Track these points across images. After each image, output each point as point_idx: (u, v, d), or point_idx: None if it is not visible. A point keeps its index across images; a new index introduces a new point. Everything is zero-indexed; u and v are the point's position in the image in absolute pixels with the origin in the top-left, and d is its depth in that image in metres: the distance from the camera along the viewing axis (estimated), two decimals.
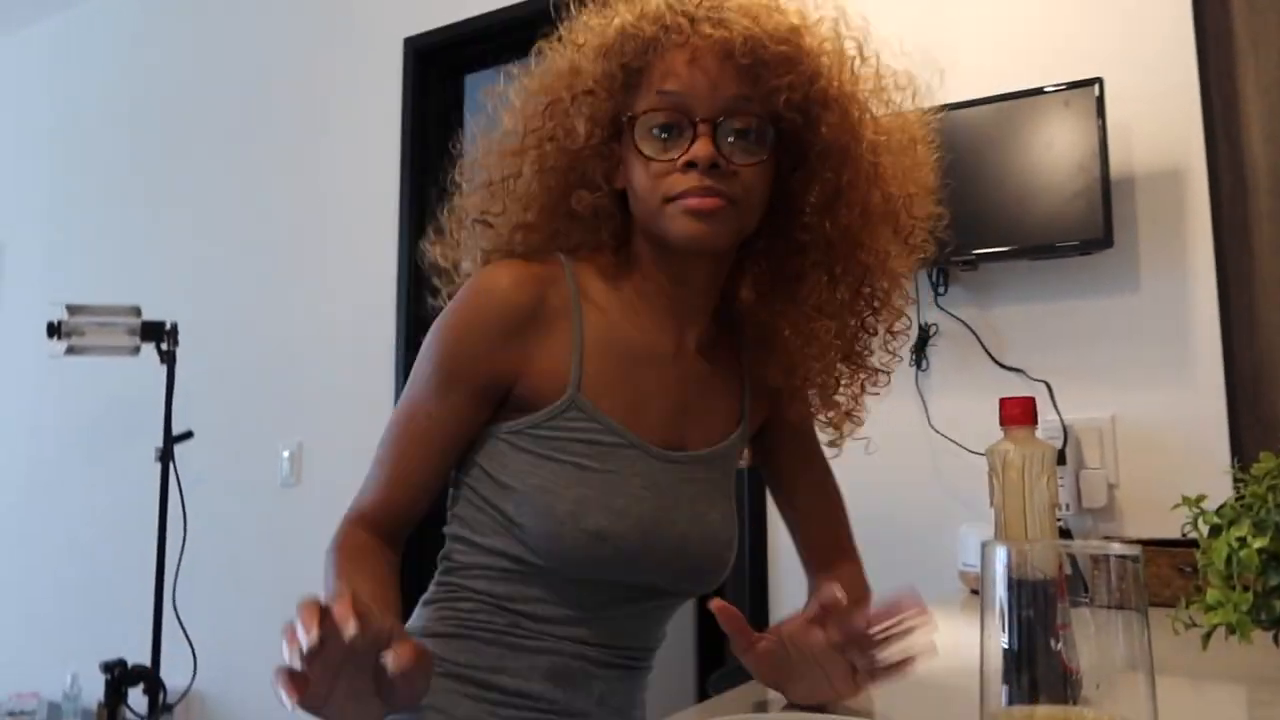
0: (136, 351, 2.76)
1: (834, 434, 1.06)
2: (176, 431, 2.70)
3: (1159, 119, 1.81)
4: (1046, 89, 1.81)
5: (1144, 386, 1.79)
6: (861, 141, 0.92)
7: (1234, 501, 0.86)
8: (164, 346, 2.71)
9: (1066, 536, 1.70)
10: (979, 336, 1.93)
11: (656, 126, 0.89)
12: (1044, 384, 1.84)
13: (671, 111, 0.88)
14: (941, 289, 1.97)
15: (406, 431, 0.93)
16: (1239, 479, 0.89)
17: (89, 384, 3.45)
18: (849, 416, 1.05)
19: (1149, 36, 1.84)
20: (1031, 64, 1.92)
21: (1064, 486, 1.77)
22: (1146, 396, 1.78)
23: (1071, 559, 0.53)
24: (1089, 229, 1.74)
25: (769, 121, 0.90)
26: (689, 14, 0.88)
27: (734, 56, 0.87)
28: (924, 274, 1.98)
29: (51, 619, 3.51)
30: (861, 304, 0.99)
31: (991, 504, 0.75)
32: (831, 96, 0.91)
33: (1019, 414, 0.76)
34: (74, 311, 2.72)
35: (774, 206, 0.95)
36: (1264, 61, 1.71)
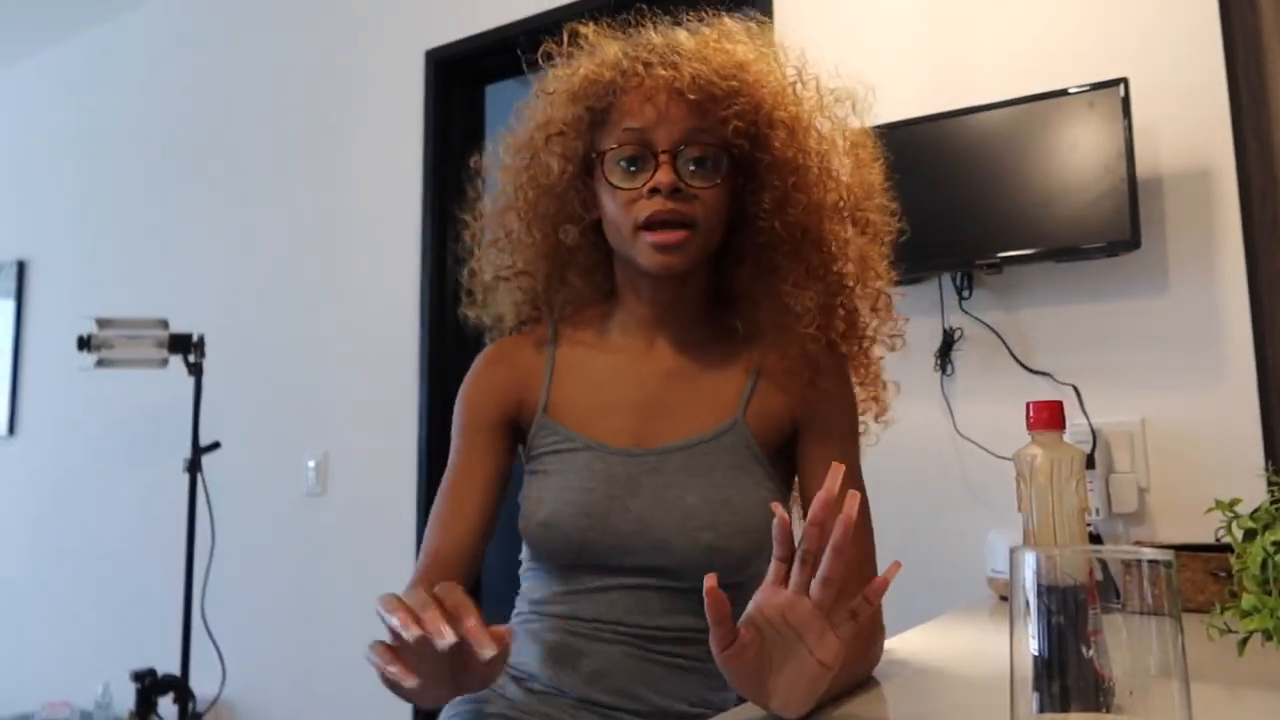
0: (164, 364, 2.80)
1: (875, 409, 1.17)
2: (204, 442, 2.73)
3: (1186, 118, 1.79)
4: (1071, 90, 1.80)
5: (1174, 389, 1.77)
6: (808, 152, 1.05)
7: (1269, 505, 0.85)
8: (191, 358, 2.74)
9: (1096, 542, 1.68)
10: (1005, 340, 1.92)
11: (623, 159, 1.02)
12: (1072, 387, 1.82)
13: (635, 146, 1.01)
14: (966, 292, 1.96)
15: (448, 488, 1.08)
16: (1273, 482, 0.87)
17: (118, 396, 3.50)
18: (874, 391, 1.16)
19: (1174, 35, 1.82)
20: (1055, 65, 1.90)
21: (1093, 491, 1.75)
22: (1177, 399, 1.76)
23: (1102, 564, 0.53)
24: (1116, 230, 1.73)
25: (722, 148, 1.02)
26: (644, 59, 1.01)
27: (685, 94, 0.99)
28: (948, 278, 1.97)
29: (82, 629, 3.55)
30: (836, 286, 1.09)
31: (1020, 509, 0.74)
32: (776, 119, 1.03)
33: (1047, 418, 0.75)
34: (103, 325, 2.76)
35: (735, 220, 1.07)
36: None
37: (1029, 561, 0.53)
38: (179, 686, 2.60)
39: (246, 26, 3.45)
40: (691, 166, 1.01)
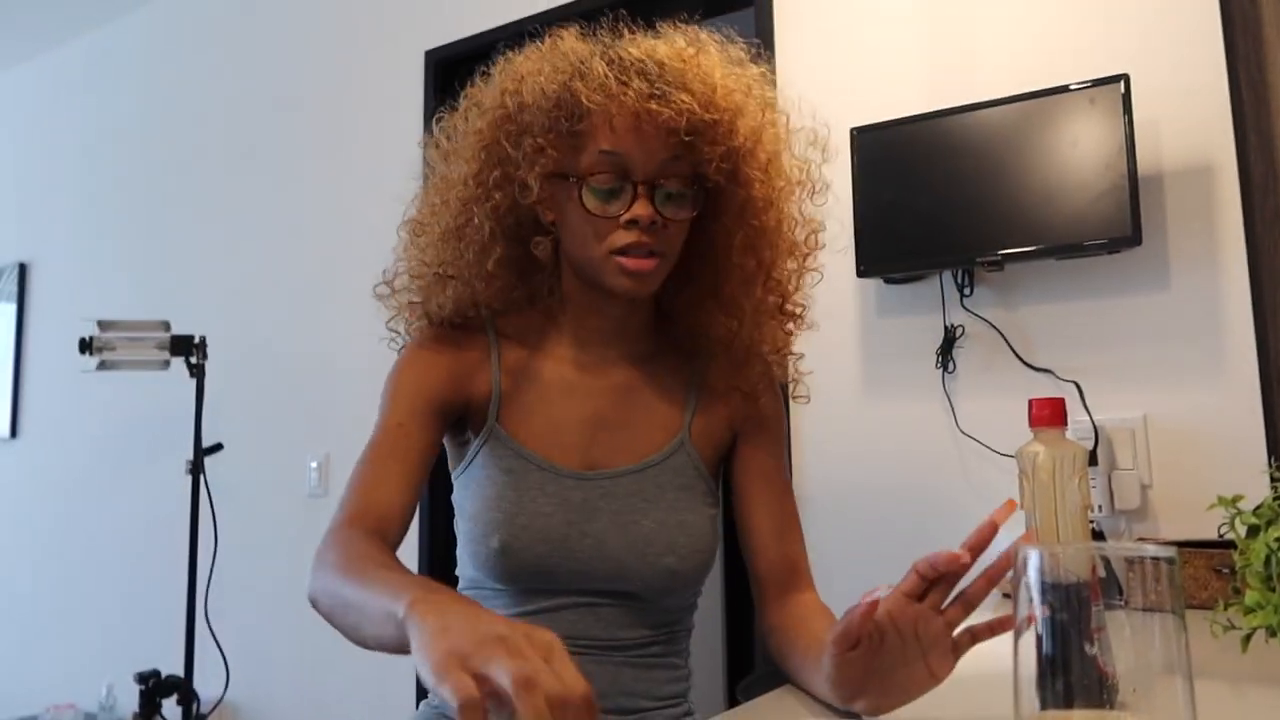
0: (166, 365, 2.80)
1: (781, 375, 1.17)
2: (206, 444, 2.73)
3: (1187, 114, 1.79)
4: (1072, 87, 1.80)
5: (1176, 385, 1.76)
6: (779, 191, 1.05)
7: (1272, 501, 0.85)
8: (193, 360, 2.75)
9: (1099, 539, 1.68)
10: (1006, 337, 1.92)
11: (600, 187, 0.98)
12: (1074, 384, 1.82)
13: (612, 175, 0.98)
14: (967, 290, 1.96)
15: (381, 443, 1.01)
16: (1276, 478, 0.87)
17: (120, 398, 3.50)
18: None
19: (1175, 31, 1.81)
20: (1056, 62, 1.90)
21: (1096, 488, 1.75)
22: (1179, 396, 1.76)
23: (1105, 561, 0.53)
24: (1117, 227, 1.72)
25: (698, 182, 1.01)
26: (627, 81, 0.97)
27: (668, 123, 0.96)
28: (949, 275, 1.97)
29: (86, 631, 3.56)
30: (779, 308, 1.11)
31: (1022, 507, 0.74)
32: (755, 158, 1.02)
33: (1049, 415, 0.75)
34: (105, 327, 2.76)
35: (689, 246, 1.05)
36: None
37: (1032, 559, 0.53)
38: (183, 688, 2.60)
39: (246, 29, 3.45)
40: (668, 198, 1.00)
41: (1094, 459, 1.75)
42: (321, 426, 2.99)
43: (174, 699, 2.60)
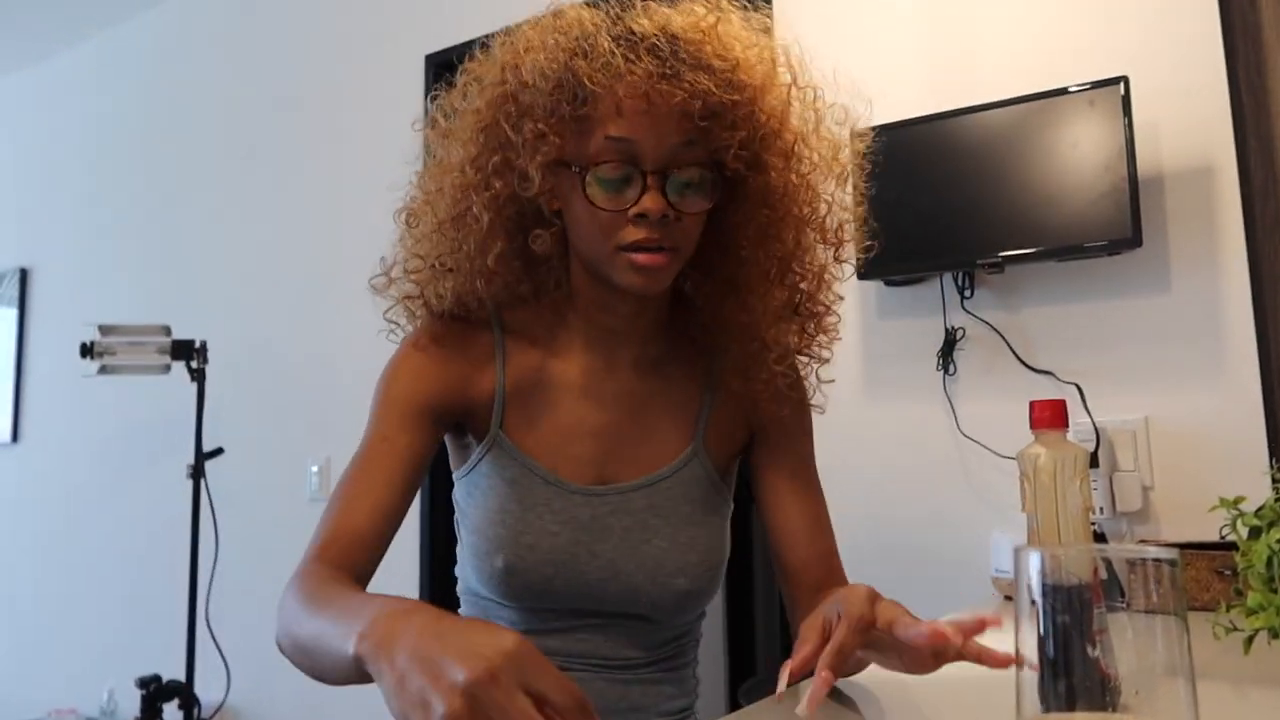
0: (167, 370, 2.80)
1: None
2: (207, 448, 2.73)
3: (1187, 116, 1.79)
4: (1071, 89, 1.80)
5: (1177, 387, 1.76)
6: (800, 179, 0.96)
7: (1273, 502, 0.85)
8: (194, 365, 2.75)
9: (1101, 540, 1.68)
10: (1007, 339, 1.92)
11: (607, 177, 0.89)
12: (1075, 386, 1.82)
13: (620, 164, 0.89)
14: (968, 292, 1.96)
15: (364, 457, 0.94)
16: (1278, 479, 0.87)
17: (121, 403, 3.50)
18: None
19: (1174, 33, 1.82)
20: (1056, 64, 1.90)
21: (1097, 490, 1.75)
22: (1180, 397, 1.76)
23: (1107, 563, 0.53)
24: (1117, 229, 1.72)
25: (715, 169, 0.92)
26: (636, 59, 0.87)
27: (682, 105, 0.87)
28: (949, 277, 1.97)
29: (88, 636, 3.55)
30: (799, 304, 1.03)
31: (1023, 509, 0.74)
32: (776, 144, 0.93)
33: (1050, 417, 0.75)
34: (106, 332, 2.77)
35: (707, 236, 0.96)
36: None
37: (1033, 561, 0.53)
38: (184, 693, 2.60)
39: (247, 34, 3.45)
40: (680, 188, 0.90)
41: (1095, 461, 1.74)
42: (322, 430, 2.99)
43: (175, 704, 2.60)
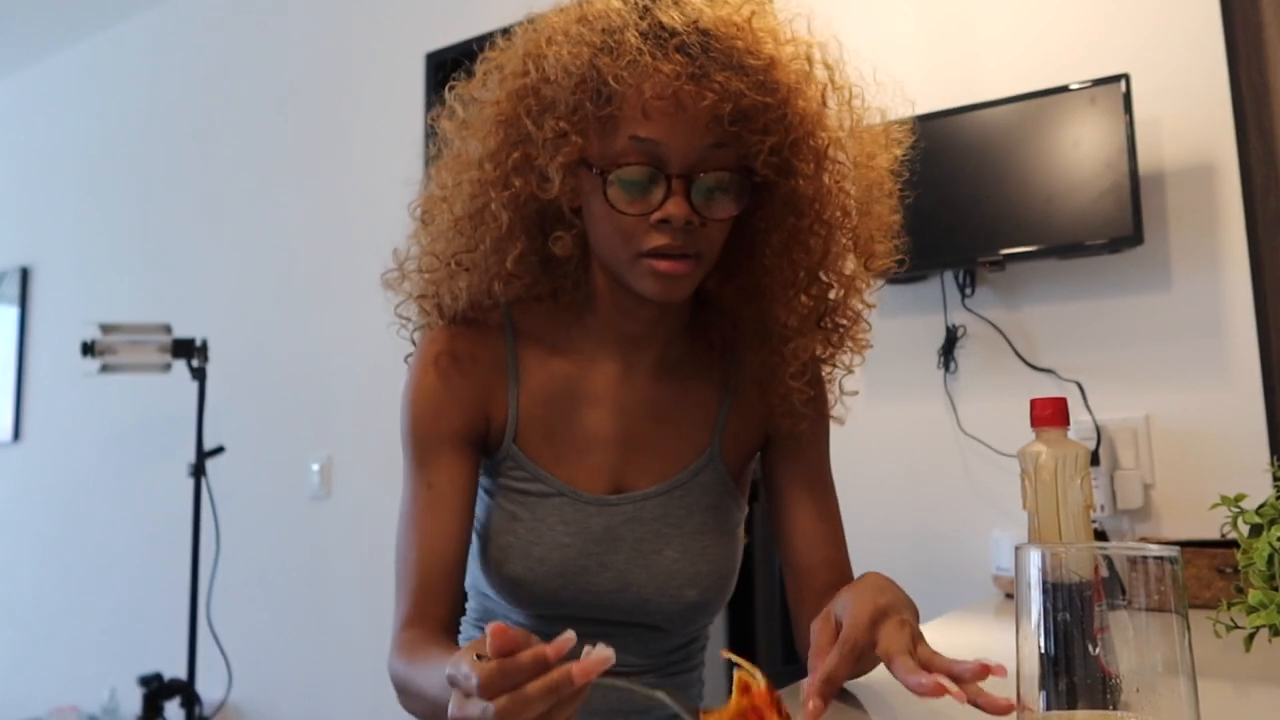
0: (168, 368, 2.80)
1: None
2: (208, 447, 2.73)
3: (1188, 114, 1.79)
4: (1072, 86, 1.80)
5: (1178, 385, 1.76)
6: (830, 187, 0.91)
7: (1274, 500, 0.85)
8: (195, 363, 2.75)
9: (1102, 538, 1.68)
10: (1008, 337, 1.91)
11: (629, 181, 0.85)
12: (1075, 384, 1.82)
13: (644, 166, 0.85)
14: (968, 290, 1.96)
15: (417, 513, 0.95)
16: (1278, 477, 0.87)
17: (122, 401, 3.50)
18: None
19: (1175, 31, 1.81)
20: (1057, 61, 1.90)
21: (1098, 488, 1.75)
22: (1181, 395, 1.76)
23: (1108, 561, 0.53)
24: (1118, 226, 1.72)
25: (743, 173, 0.88)
26: (664, 56, 0.83)
27: (711, 107, 0.83)
28: (950, 275, 1.97)
29: (89, 634, 3.56)
30: (824, 315, 0.99)
31: (1024, 507, 0.74)
32: (807, 148, 0.89)
33: (1051, 415, 0.75)
34: (107, 330, 2.77)
35: (731, 240, 0.93)
36: None
37: (1034, 559, 0.53)
38: (185, 691, 2.60)
39: (247, 32, 3.45)
40: (707, 193, 0.86)
41: (1096, 459, 1.74)
42: (323, 429, 2.99)
43: (177, 702, 2.60)
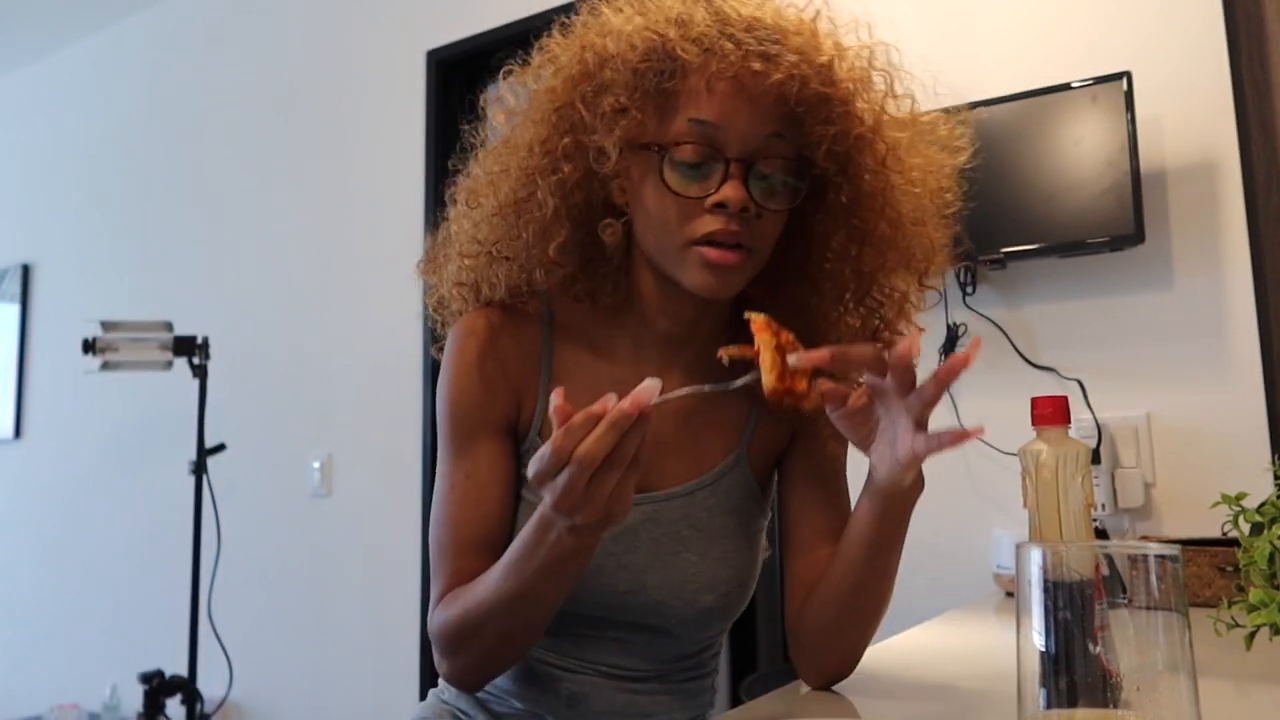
0: (169, 366, 2.80)
1: None
2: (209, 444, 2.73)
3: (1189, 112, 1.79)
4: (1074, 84, 1.79)
5: (1180, 384, 1.76)
6: (893, 189, 0.89)
7: (1275, 498, 0.85)
8: (196, 361, 2.75)
9: (1103, 537, 1.68)
10: (1009, 336, 1.91)
11: (686, 162, 0.84)
12: (1077, 383, 1.82)
13: (702, 146, 0.84)
14: (970, 288, 1.96)
15: (454, 502, 0.91)
16: (1279, 475, 0.87)
17: (123, 399, 3.51)
18: None
19: (1177, 28, 1.81)
20: (1058, 59, 1.90)
21: (1099, 486, 1.75)
22: (1182, 394, 1.75)
23: (1109, 559, 0.53)
24: (1120, 225, 1.72)
25: (803, 166, 0.86)
26: (735, 38, 0.82)
27: (775, 92, 0.82)
28: (951, 273, 1.97)
29: (90, 631, 3.56)
30: (874, 335, 0.97)
31: (1025, 505, 0.74)
32: (872, 147, 0.87)
33: (1051, 413, 0.75)
34: (108, 328, 2.77)
35: (782, 247, 0.91)
36: None
37: (1035, 557, 0.53)
38: (187, 688, 2.61)
39: (248, 30, 3.45)
40: (764, 183, 0.85)
41: (1097, 457, 1.74)
42: (324, 426, 2.99)
43: (178, 699, 2.60)
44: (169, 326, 2.81)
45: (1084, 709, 0.51)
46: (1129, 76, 1.74)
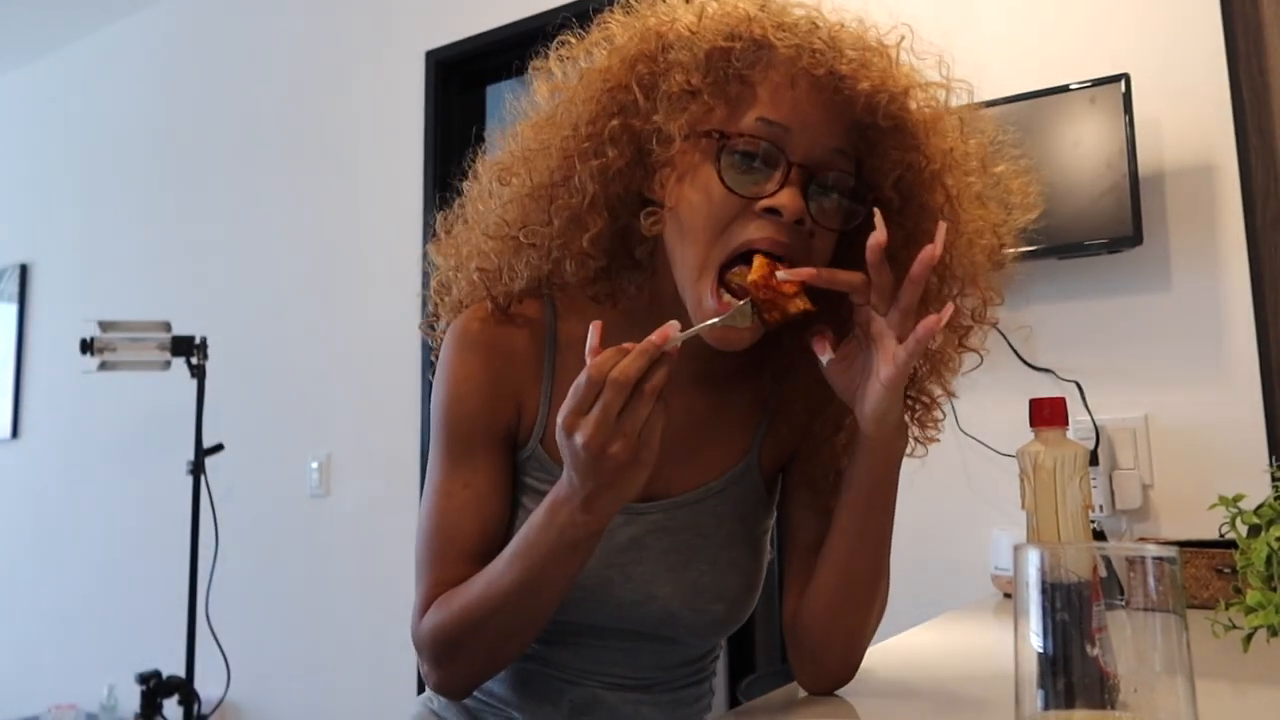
0: (167, 366, 2.80)
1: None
2: (207, 444, 2.73)
3: (1187, 114, 1.79)
4: (1072, 86, 1.80)
5: (1177, 385, 1.76)
6: (960, 232, 0.84)
7: (1273, 500, 0.85)
8: (194, 361, 2.75)
9: (1100, 538, 1.68)
10: (1007, 337, 1.91)
11: (744, 153, 0.79)
12: (1075, 384, 1.82)
13: (766, 147, 0.79)
14: None
15: (450, 510, 0.87)
16: (1277, 477, 0.87)
17: (121, 399, 3.50)
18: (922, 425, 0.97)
19: (1175, 31, 1.81)
20: (1056, 62, 1.90)
21: (1097, 488, 1.75)
22: (1180, 395, 1.76)
23: (1106, 561, 0.53)
24: (1118, 226, 1.72)
25: (866, 188, 0.81)
26: (830, 42, 0.78)
27: (860, 103, 0.78)
28: None
29: (88, 631, 3.56)
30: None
31: (1023, 506, 0.74)
32: (942, 186, 0.82)
33: (1050, 415, 0.75)
34: (106, 328, 2.77)
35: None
36: None
37: (1033, 558, 0.53)
38: (184, 688, 2.61)
39: (247, 30, 3.45)
40: (823, 195, 0.80)
41: (1095, 459, 1.75)
42: (322, 427, 2.99)
43: (175, 699, 2.60)
44: (167, 326, 2.80)
45: (1082, 710, 0.51)
46: (1127, 79, 1.74)
